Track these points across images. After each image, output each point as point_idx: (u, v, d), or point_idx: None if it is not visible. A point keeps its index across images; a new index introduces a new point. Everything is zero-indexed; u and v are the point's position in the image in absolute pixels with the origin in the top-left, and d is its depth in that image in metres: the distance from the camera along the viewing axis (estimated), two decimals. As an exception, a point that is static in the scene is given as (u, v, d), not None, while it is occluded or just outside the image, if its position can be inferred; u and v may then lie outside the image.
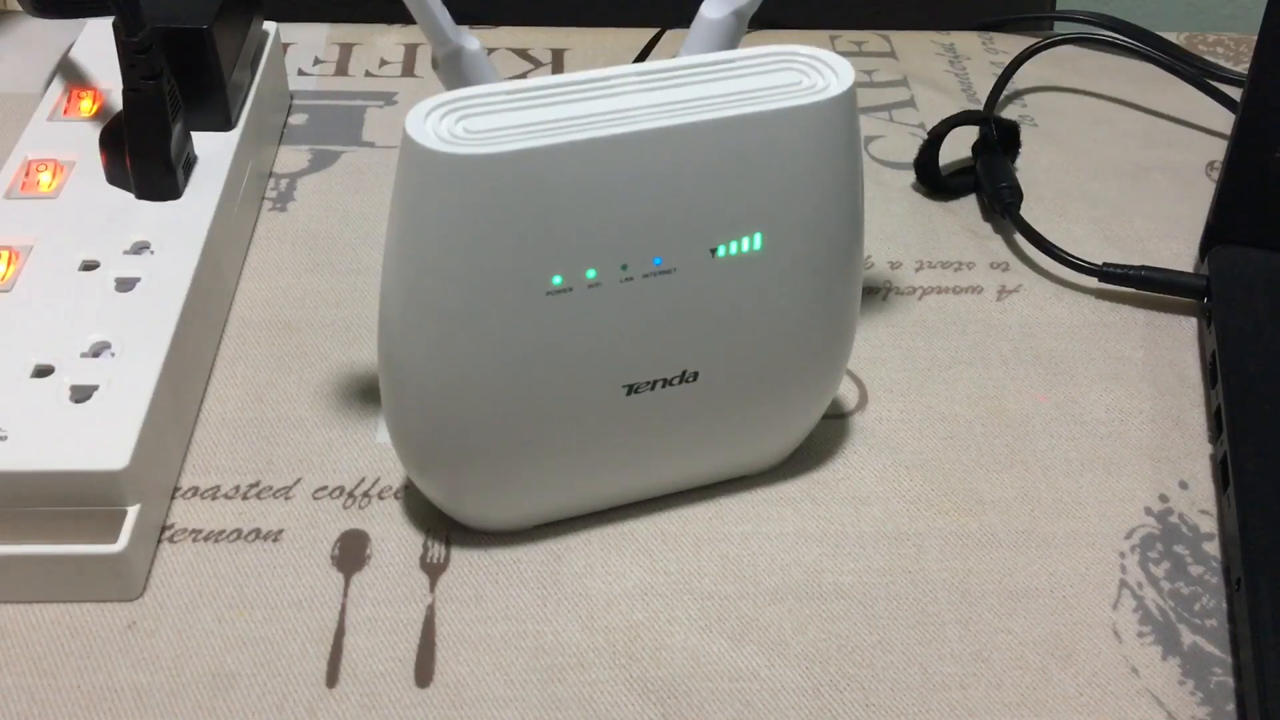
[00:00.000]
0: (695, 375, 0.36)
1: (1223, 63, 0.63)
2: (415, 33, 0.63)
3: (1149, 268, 0.49)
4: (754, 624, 0.37)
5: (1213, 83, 0.59)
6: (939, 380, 0.45)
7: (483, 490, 0.37)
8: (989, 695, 0.36)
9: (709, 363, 0.36)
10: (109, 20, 0.42)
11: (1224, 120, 0.58)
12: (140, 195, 0.44)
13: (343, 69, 0.60)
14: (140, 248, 0.42)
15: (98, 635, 0.36)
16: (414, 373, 0.34)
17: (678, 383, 0.36)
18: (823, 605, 0.38)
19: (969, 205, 0.54)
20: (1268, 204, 0.49)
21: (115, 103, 0.48)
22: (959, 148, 0.55)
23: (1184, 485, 0.42)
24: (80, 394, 0.37)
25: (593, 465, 0.37)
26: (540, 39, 0.63)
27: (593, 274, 0.33)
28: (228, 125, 0.48)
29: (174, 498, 0.40)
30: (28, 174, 0.45)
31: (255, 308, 0.47)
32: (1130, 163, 0.57)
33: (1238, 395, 0.43)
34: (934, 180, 0.54)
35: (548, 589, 0.38)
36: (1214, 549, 0.40)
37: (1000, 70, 0.61)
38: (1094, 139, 0.59)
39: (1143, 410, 0.45)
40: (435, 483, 0.38)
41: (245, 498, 0.40)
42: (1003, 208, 0.52)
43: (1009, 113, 0.60)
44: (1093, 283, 0.50)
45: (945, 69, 0.63)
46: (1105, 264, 0.49)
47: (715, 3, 0.37)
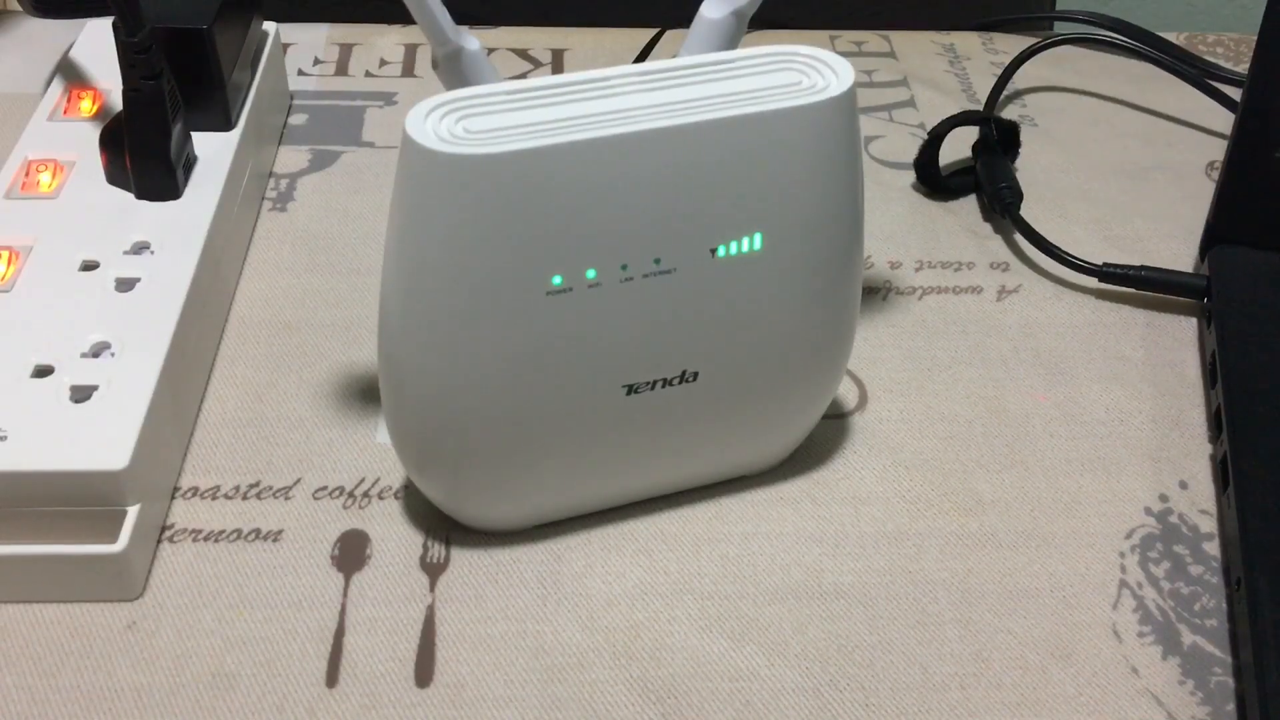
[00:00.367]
0: (695, 375, 0.36)
1: (1223, 63, 0.63)
2: (415, 33, 0.63)
3: (1149, 268, 0.49)
4: (754, 624, 0.37)
5: (1213, 83, 0.59)
6: (939, 380, 0.45)
7: (483, 490, 0.37)
8: (989, 695, 0.36)
9: (709, 363, 0.36)
10: (109, 20, 0.42)
11: (1224, 120, 0.58)
12: (140, 195, 0.44)
13: (343, 69, 0.60)
14: (140, 248, 0.42)
15: (98, 635, 0.36)
16: (414, 373, 0.34)
17: (678, 383, 0.36)
18: (823, 605, 0.38)
19: (969, 205, 0.54)
20: (1268, 204, 0.49)
21: (115, 103, 0.48)
22: (959, 148, 0.55)
23: (1184, 485, 0.42)
24: (80, 394, 0.37)
25: (592, 465, 0.37)
26: (540, 39, 0.63)
27: (593, 274, 0.33)
28: (228, 125, 0.48)
29: (174, 498, 0.40)
30: (28, 174, 0.45)
31: (255, 308, 0.47)
32: (1130, 163, 0.57)
33: (1238, 395, 0.43)
34: (934, 180, 0.54)
35: (548, 589, 0.38)
36: (1214, 549, 0.40)
37: (1000, 70, 0.61)
38: (1094, 139, 0.59)
39: (1143, 410, 0.45)
40: (435, 483, 0.38)
41: (245, 498, 0.40)
42: (1003, 208, 0.52)
43: (1009, 113, 0.60)
44: (1093, 283, 0.50)
45: (945, 69, 0.63)
46: (1105, 264, 0.49)
47: (715, 3, 0.37)
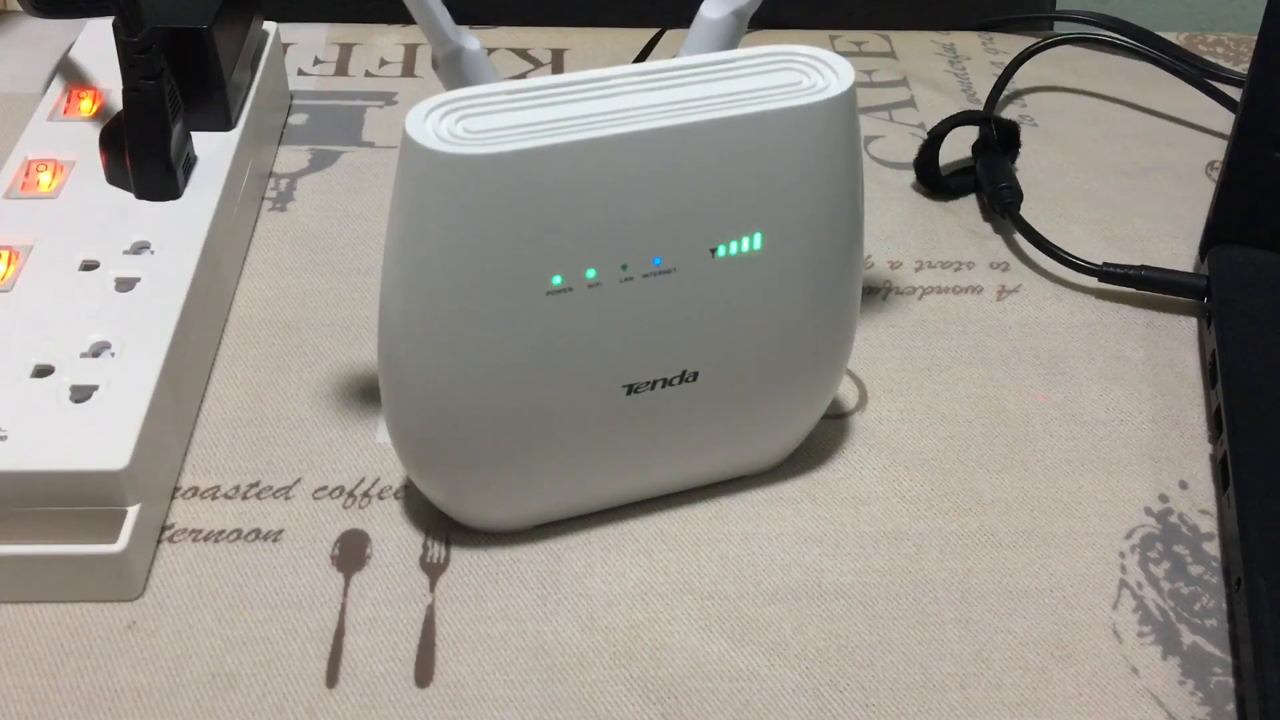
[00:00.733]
0: (695, 375, 0.36)
1: (1223, 63, 0.63)
2: (415, 33, 0.63)
3: (1149, 268, 0.49)
4: (754, 624, 0.37)
5: (1213, 83, 0.59)
6: (939, 380, 0.45)
7: (483, 490, 0.37)
8: (989, 695, 0.36)
9: (709, 363, 0.36)
10: (109, 20, 0.42)
11: (1224, 120, 0.58)
12: (140, 195, 0.44)
13: (343, 69, 0.60)
14: (140, 248, 0.42)
15: (98, 635, 0.36)
16: (414, 373, 0.34)
17: (678, 383, 0.36)
18: (823, 605, 0.38)
19: (969, 205, 0.54)
20: (1268, 204, 0.49)
21: (115, 103, 0.48)
22: (959, 148, 0.55)
23: (1184, 485, 0.42)
24: (80, 394, 0.37)
25: (593, 465, 0.37)
26: (540, 39, 0.63)
27: (593, 274, 0.33)
28: (228, 125, 0.48)
29: (174, 498, 0.40)
30: (28, 174, 0.45)
31: (255, 308, 0.47)
32: (1130, 163, 0.57)
33: (1238, 395, 0.43)
34: (934, 180, 0.54)
35: (548, 589, 0.38)
36: (1214, 549, 0.40)
37: (1000, 70, 0.61)
38: (1094, 139, 0.59)
39: (1143, 410, 0.45)
40: (435, 483, 0.38)
41: (245, 498, 0.40)
42: (1003, 208, 0.52)
43: (1009, 113, 0.60)
44: (1093, 283, 0.50)
45: (945, 69, 0.63)
46: (1105, 264, 0.49)
47: (715, 3, 0.37)
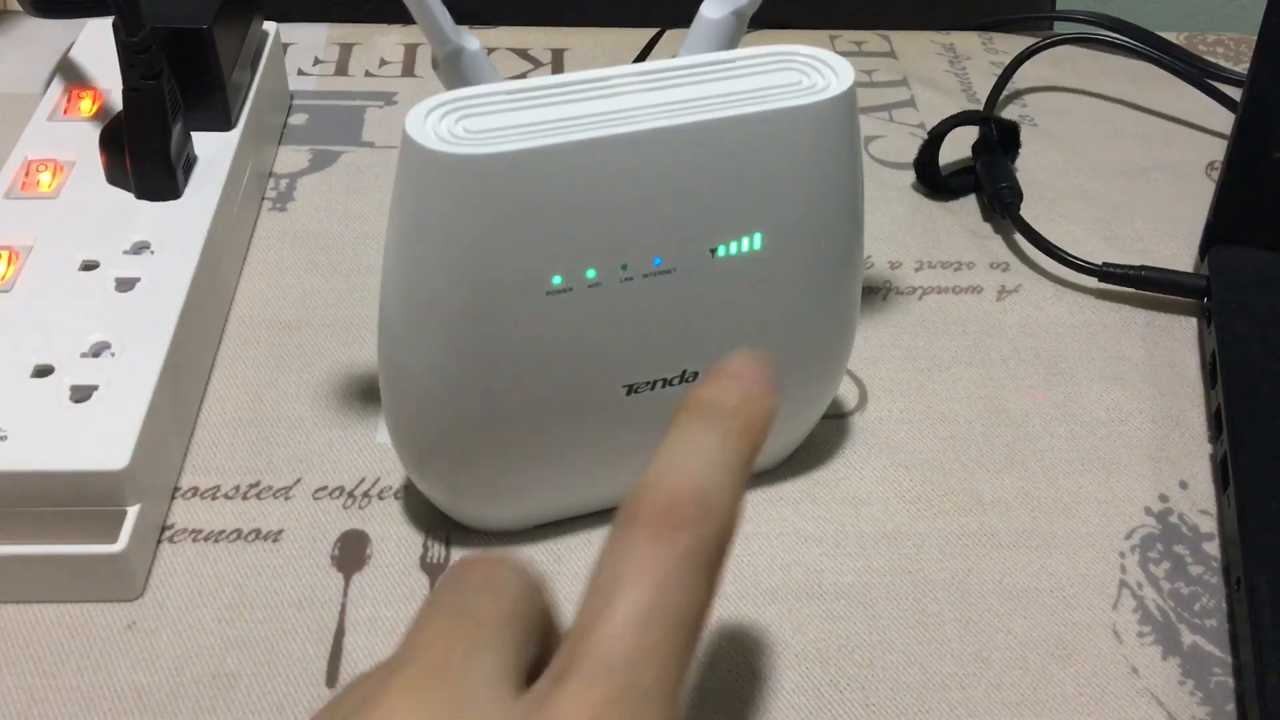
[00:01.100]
0: (695, 375, 0.36)
1: (1223, 63, 0.63)
2: (415, 33, 0.63)
3: (1149, 268, 0.49)
4: (754, 624, 0.37)
5: (1213, 83, 0.59)
6: (939, 380, 0.45)
7: (483, 490, 0.37)
8: (989, 695, 0.36)
9: (709, 363, 0.36)
10: (109, 20, 0.42)
11: (1224, 120, 0.58)
12: (140, 195, 0.44)
13: (343, 69, 0.60)
14: (140, 248, 0.42)
15: (98, 635, 0.36)
16: (414, 373, 0.34)
17: (678, 383, 0.36)
18: (823, 605, 0.38)
19: (969, 205, 0.54)
20: (1268, 204, 0.49)
21: (115, 103, 0.48)
22: (959, 148, 0.55)
23: (1184, 485, 0.42)
24: (80, 394, 0.37)
25: (593, 465, 0.37)
26: (540, 39, 0.63)
27: (593, 274, 0.33)
28: (228, 125, 0.48)
29: (174, 498, 0.40)
30: (28, 174, 0.45)
31: (255, 308, 0.47)
32: (1130, 163, 0.57)
33: (1238, 395, 0.43)
34: (934, 180, 0.54)
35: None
36: (1214, 549, 0.40)
37: (1000, 70, 0.61)
38: (1094, 139, 0.59)
39: (1143, 410, 0.45)
40: (435, 483, 0.38)
41: (245, 498, 0.40)
42: (1003, 208, 0.52)
43: (1009, 113, 0.60)
44: (1093, 283, 0.50)
45: (945, 69, 0.63)
46: (1105, 264, 0.49)
47: (715, 3, 0.37)
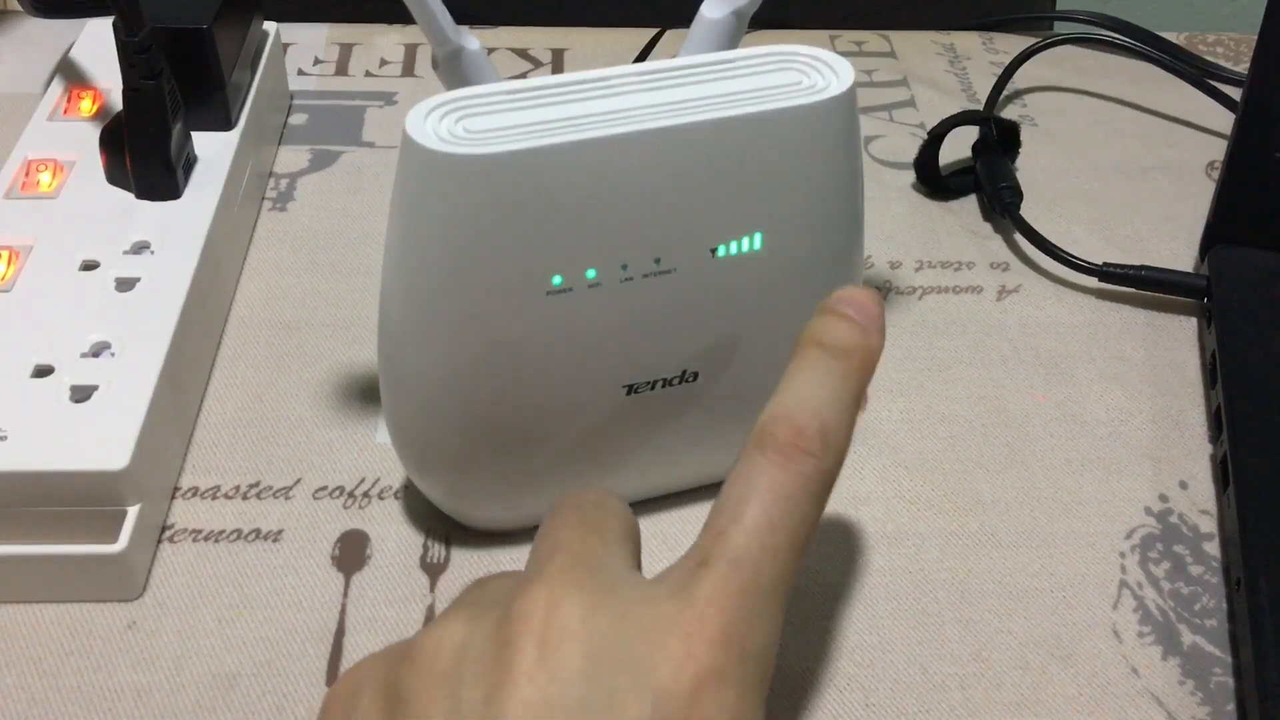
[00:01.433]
0: (695, 375, 0.36)
1: (1223, 63, 0.63)
2: (415, 33, 0.63)
3: (1149, 268, 0.49)
4: (754, 624, 0.37)
5: (1213, 83, 0.59)
6: (939, 380, 0.45)
7: (483, 490, 0.37)
8: (989, 695, 0.36)
9: (709, 363, 0.36)
10: (109, 20, 0.42)
11: (1224, 120, 0.58)
12: (140, 195, 0.44)
13: (343, 69, 0.60)
14: (140, 248, 0.42)
15: (98, 635, 0.36)
16: (414, 373, 0.34)
17: (678, 383, 0.36)
18: (823, 605, 0.38)
19: (969, 205, 0.54)
20: (1268, 204, 0.49)
21: (115, 103, 0.48)
22: (959, 148, 0.55)
23: (1184, 485, 0.42)
24: (80, 394, 0.37)
25: (593, 465, 0.37)
26: (540, 39, 0.63)
27: (593, 274, 0.33)
28: (228, 125, 0.48)
29: (174, 498, 0.40)
30: (28, 174, 0.45)
31: (255, 308, 0.47)
32: (1130, 163, 0.57)
33: (1238, 395, 0.43)
34: (934, 180, 0.54)
35: (548, 589, 0.38)
36: (1214, 549, 0.40)
37: (1000, 70, 0.61)
38: (1094, 139, 0.59)
39: (1143, 410, 0.45)
40: (435, 483, 0.38)
41: (245, 498, 0.40)
42: (1003, 208, 0.52)
43: (1009, 113, 0.60)
44: (1093, 283, 0.50)
45: (945, 69, 0.63)
46: (1105, 264, 0.49)
47: (715, 3, 0.37)
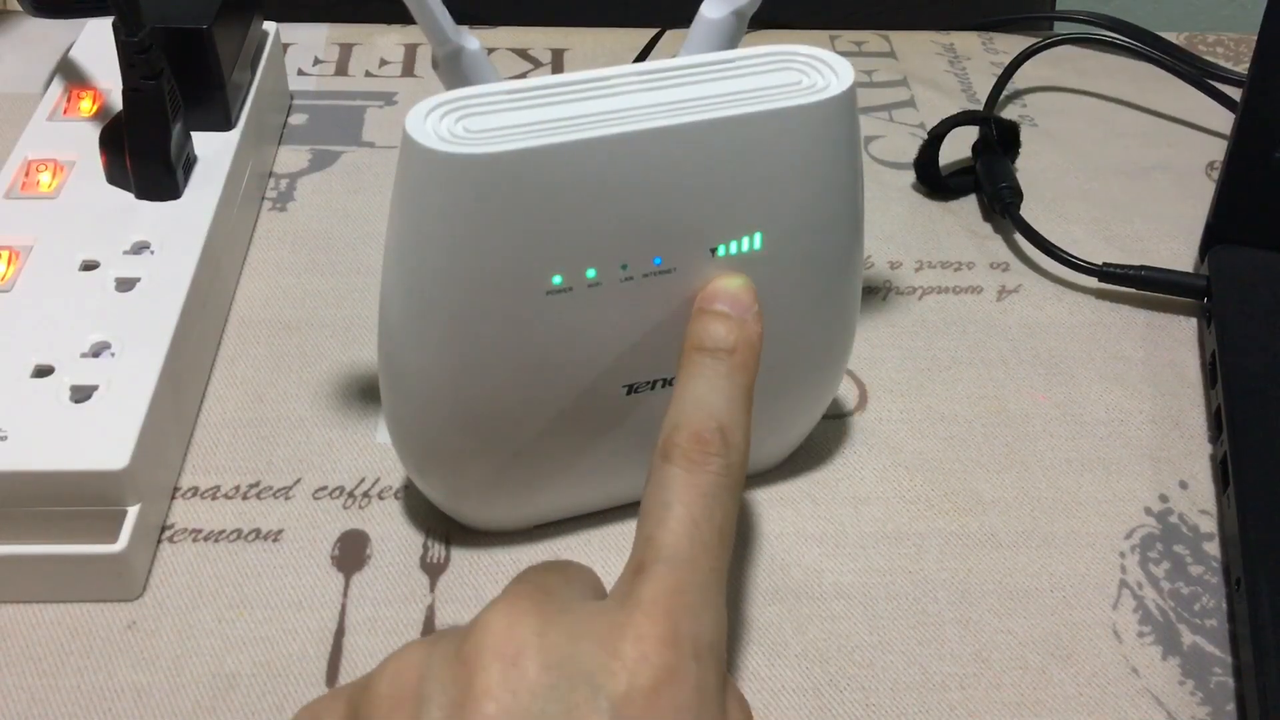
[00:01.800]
0: (695, 375, 0.36)
1: (1223, 63, 0.63)
2: (415, 33, 0.63)
3: (1149, 268, 0.49)
4: (754, 624, 0.37)
5: (1213, 83, 0.59)
6: (939, 380, 0.45)
7: (483, 490, 0.37)
8: (989, 695, 0.36)
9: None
10: (109, 20, 0.42)
11: (1224, 120, 0.58)
12: (140, 195, 0.44)
13: (343, 69, 0.60)
14: (140, 248, 0.42)
15: (98, 635, 0.36)
16: (414, 373, 0.34)
17: (678, 383, 0.36)
18: (823, 605, 0.38)
19: (969, 205, 0.54)
20: (1268, 204, 0.49)
21: (115, 103, 0.48)
22: (959, 148, 0.55)
23: (1184, 485, 0.42)
24: (80, 394, 0.37)
25: (593, 465, 0.37)
26: (540, 39, 0.63)
27: (593, 274, 0.33)
28: (228, 125, 0.48)
29: (174, 498, 0.40)
30: (28, 174, 0.45)
31: (255, 308, 0.47)
32: (1130, 163, 0.57)
33: (1238, 395, 0.43)
34: (934, 180, 0.54)
35: (548, 589, 0.38)
36: (1214, 549, 0.40)
37: (1000, 70, 0.61)
38: (1094, 139, 0.59)
39: (1143, 410, 0.45)
40: (435, 483, 0.38)
41: (245, 498, 0.40)
42: (1003, 208, 0.52)
43: (1009, 113, 0.60)
44: (1093, 283, 0.50)
45: (945, 69, 0.63)
46: (1105, 264, 0.49)
47: (715, 2, 0.37)
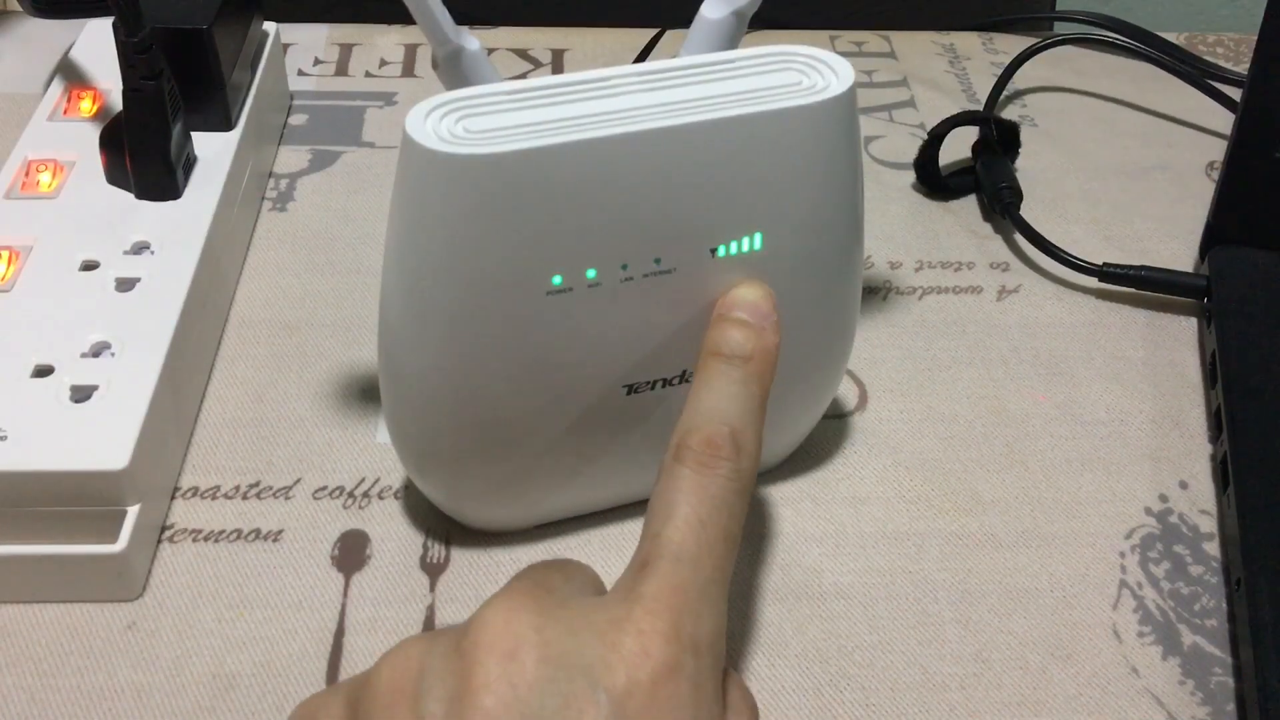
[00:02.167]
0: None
1: (1223, 63, 0.63)
2: (415, 33, 0.63)
3: (1149, 268, 0.49)
4: (754, 624, 0.37)
5: (1213, 83, 0.59)
6: (939, 380, 0.45)
7: (483, 490, 0.37)
8: (989, 695, 0.36)
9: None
10: (109, 20, 0.42)
11: (1224, 120, 0.58)
12: (140, 195, 0.44)
13: (343, 69, 0.60)
14: (140, 248, 0.42)
15: (98, 635, 0.36)
16: (414, 373, 0.34)
17: (678, 383, 0.36)
18: (823, 605, 0.38)
19: (969, 205, 0.54)
20: (1268, 204, 0.49)
21: (115, 103, 0.48)
22: (959, 148, 0.55)
23: (1184, 485, 0.42)
24: (80, 394, 0.37)
25: (593, 465, 0.37)
26: (540, 39, 0.63)
27: (593, 274, 0.33)
28: (228, 125, 0.48)
29: (174, 498, 0.40)
30: (28, 174, 0.45)
31: (255, 308, 0.47)
32: (1130, 163, 0.57)
33: (1238, 395, 0.43)
34: (934, 180, 0.54)
35: (548, 589, 0.38)
36: (1214, 549, 0.40)
37: (1000, 70, 0.61)
38: (1094, 139, 0.59)
39: (1143, 410, 0.45)
40: (435, 483, 0.38)
41: (245, 498, 0.40)
42: (1003, 208, 0.52)
43: (1009, 113, 0.60)
44: (1093, 283, 0.50)
45: (945, 69, 0.63)
46: (1105, 264, 0.49)
47: (715, 3, 0.37)
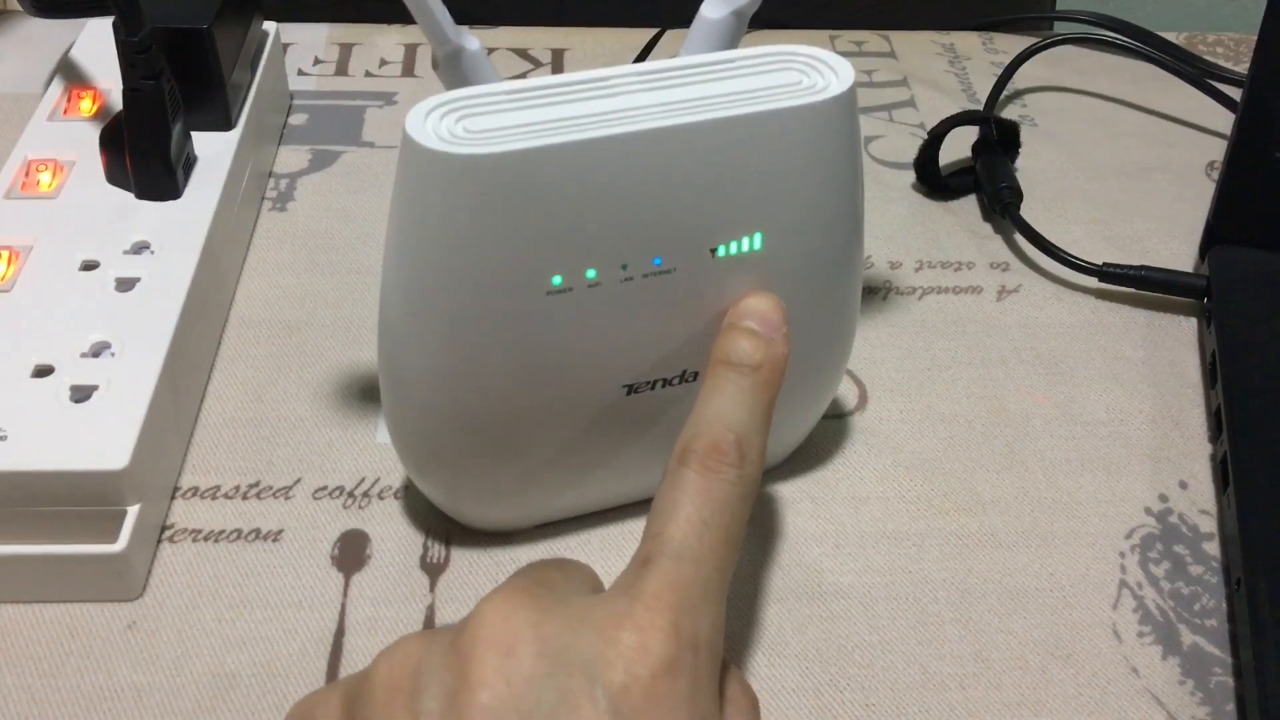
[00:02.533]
0: (695, 375, 0.36)
1: (1223, 63, 0.63)
2: (415, 33, 0.63)
3: (1149, 268, 0.49)
4: (754, 624, 0.37)
5: (1213, 83, 0.59)
6: (939, 380, 0.45)
7: (483, 490, 0.37)
8: (989, 695, 0.36)
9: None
10: (109, 20, 0.42)
11: (1224, 120, 0.58)
12: (140, 195, 0.44)
13: (343, 69, 0.60)
14: (140, 248, 0.42)
15: (98, 635, 0.36)
16: (414, 373, 0.34)
17: (678, 383, 0.36)
18: (823, 605, 0.38)
19: (969, 205, 0.54)
20: (1268, 204, 0.49)
21: (115, 103, 0.48)
22: (959, 148, 0.55)
23: (1184, 485, 0.42)
24: (80, 394, 0.37)
25: (593, 465, 0.37)
26: (540, 39, 0.63)
27: (593, 274, 0.33)
28: (228, 125, 0.48)
29: (174, 498, 0.40)
30: (28, 174, 0.45)
31: (255, 308, 0.47)
32: (1130, 163, 0.57)
33: (1238, 395, 0.43)
34: (934, 180, 0.54)
35: (548, 589, 0.38)
36: (1214, 549, 0.40)
37: (1000, 70, 0.61)
38: (1094, 139, 0.59)
39: (1143, 410, 0.45)
40: (435, 483, 0.38)
41: (245, 498, 0.40)
42: (1003, 208, 0.52)
43: (1009, 113, 0.60)
44: (1093, 283, 0.50)
45: (945, 69, 0.63)
46: (1105, 264, 0.49)
47: (715, 3, 0.37)
